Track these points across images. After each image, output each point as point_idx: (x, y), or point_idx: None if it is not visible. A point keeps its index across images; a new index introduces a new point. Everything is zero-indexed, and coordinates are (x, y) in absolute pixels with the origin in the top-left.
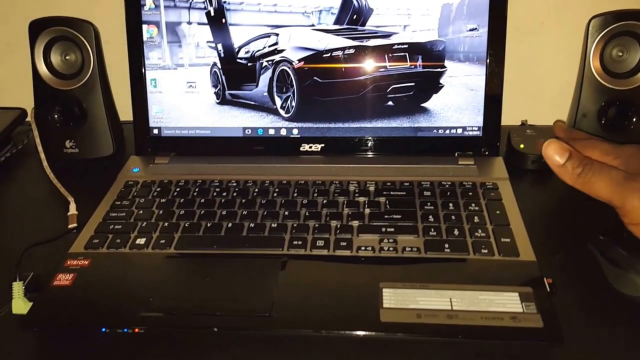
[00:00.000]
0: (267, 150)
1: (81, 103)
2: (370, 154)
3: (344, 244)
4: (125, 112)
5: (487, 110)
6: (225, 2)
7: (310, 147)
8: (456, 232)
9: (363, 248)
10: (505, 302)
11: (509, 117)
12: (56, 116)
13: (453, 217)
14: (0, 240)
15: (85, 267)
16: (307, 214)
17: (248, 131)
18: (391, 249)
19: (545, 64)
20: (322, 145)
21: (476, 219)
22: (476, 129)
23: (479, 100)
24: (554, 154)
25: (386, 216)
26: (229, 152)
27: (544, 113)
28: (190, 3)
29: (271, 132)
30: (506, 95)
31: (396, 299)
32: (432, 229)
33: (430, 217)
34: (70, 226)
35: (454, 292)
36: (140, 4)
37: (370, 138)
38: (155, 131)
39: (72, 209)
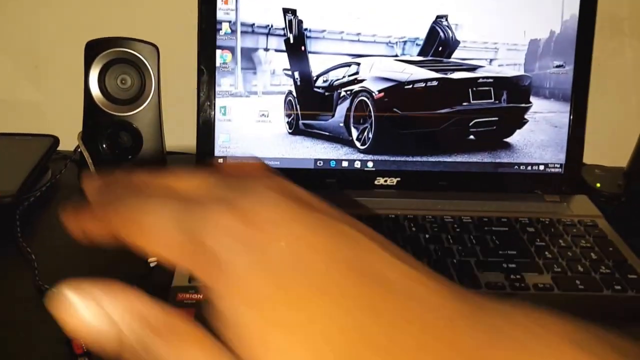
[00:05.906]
0: (339, 183)
1: (137, 130)
2: (447, 190)
3: (467, 279)
4: (171, 139)
5: (570, 148)
6: (306, 29)
7: (385, 181)
8: (580, 268)
9: (492, 285)
10: None
11: None
12: (105, 145)
13: (569, 254)
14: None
15: (201, 301)
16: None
17: (320, 163)
18: (522, 285)
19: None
20: (398, 179)
21: (593, 255)
22: (558, 166)
23: (562, 137)
24: None
25: (500, 252)
26: (298, 185)
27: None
28: (269, 29)
29: (344, 164)
30: None
31: None
32: (555, 266)
33: (547, 253)
34: (150, 260)
35: None
36: (215, 28)
37: (448, 173)
38: (221, 161)
39: None
